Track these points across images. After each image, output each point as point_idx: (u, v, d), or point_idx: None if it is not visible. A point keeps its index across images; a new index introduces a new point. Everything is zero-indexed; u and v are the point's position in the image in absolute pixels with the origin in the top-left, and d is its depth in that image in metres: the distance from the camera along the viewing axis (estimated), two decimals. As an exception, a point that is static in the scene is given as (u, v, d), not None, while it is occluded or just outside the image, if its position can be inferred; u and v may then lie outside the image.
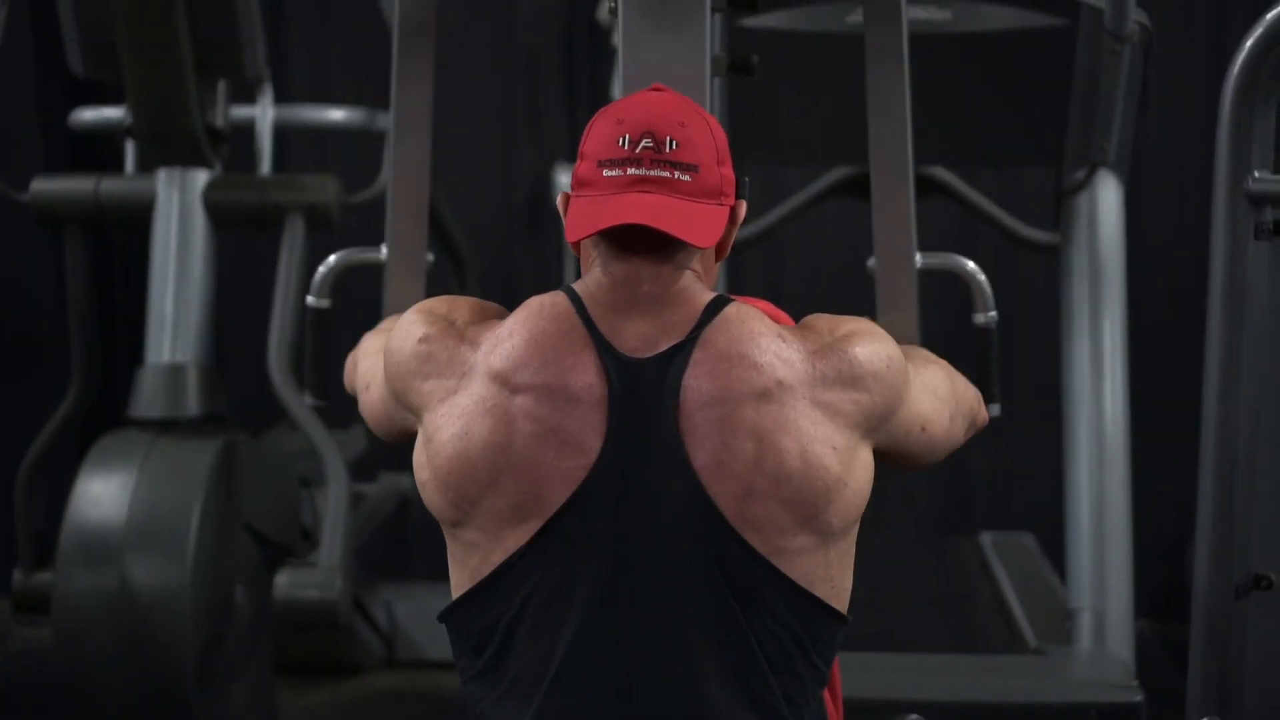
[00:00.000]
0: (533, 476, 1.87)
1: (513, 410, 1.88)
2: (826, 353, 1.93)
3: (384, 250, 2.85)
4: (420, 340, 1.97)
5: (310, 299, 2.92)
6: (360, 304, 2.24)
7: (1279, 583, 2.79)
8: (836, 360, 1.92)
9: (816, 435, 1.88)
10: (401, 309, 2.48)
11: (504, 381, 1.89)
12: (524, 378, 1.88)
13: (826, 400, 1.90)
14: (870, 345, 1.96)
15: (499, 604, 1.91)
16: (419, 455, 1.95)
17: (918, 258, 2.70)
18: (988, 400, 2.59)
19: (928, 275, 2.81)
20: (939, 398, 2.06)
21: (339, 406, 2.91)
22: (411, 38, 2.66)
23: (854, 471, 1.91)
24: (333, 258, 2.93)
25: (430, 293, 2.22)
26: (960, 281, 2.77)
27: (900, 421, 1.98)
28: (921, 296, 2.83)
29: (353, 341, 2.42)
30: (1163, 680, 4.63)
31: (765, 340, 1.91)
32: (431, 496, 1.93)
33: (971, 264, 2.75)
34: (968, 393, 2.21)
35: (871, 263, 2.73)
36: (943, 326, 4.02)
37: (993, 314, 2.74)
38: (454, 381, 1.93)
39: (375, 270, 2.91)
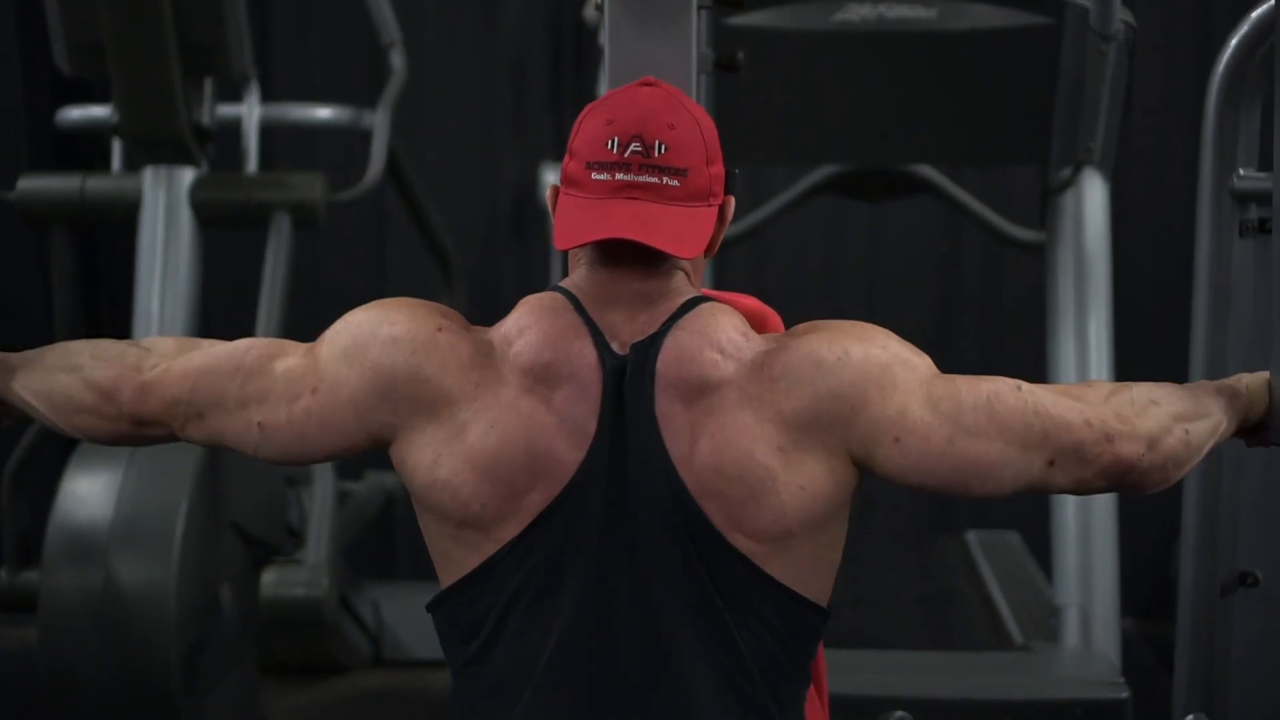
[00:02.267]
0: (554, 468, 1.87)
1: (544, 402, 1.87)
2: (781, 349, 1.89)
3: None
4: (438, 330, 1.93)
5: None
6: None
7: (1265, 579, 2.80)
8: (786, 355, 1.89)
9: (758, 434, 1.86)
10: None
11: (530, 374, 1.88)
12: (548, 370, 1.88)
13: (769, 397, 1.87)
14: (830, 340, 1.90)
15: (491, 595, 1.91)
16: (424, 453, 1.91)
17: None
18: None
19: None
20: (938, 412, 1.90)
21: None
22: None
23: (802, 472, 1.86)
24: None
25: (420, 294, 2.14)
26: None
27: (866, 427, 1.89)
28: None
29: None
30: (1148, 679, 4.64)
31: (723, 334, 1.89)
32: (460, 494, 1.88)
33: None
34: (1052, 416, 1.92)
35: None
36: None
37: None
38: (478, 374, 1.90)
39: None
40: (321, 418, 1.95)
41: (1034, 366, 4.41)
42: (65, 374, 2.03)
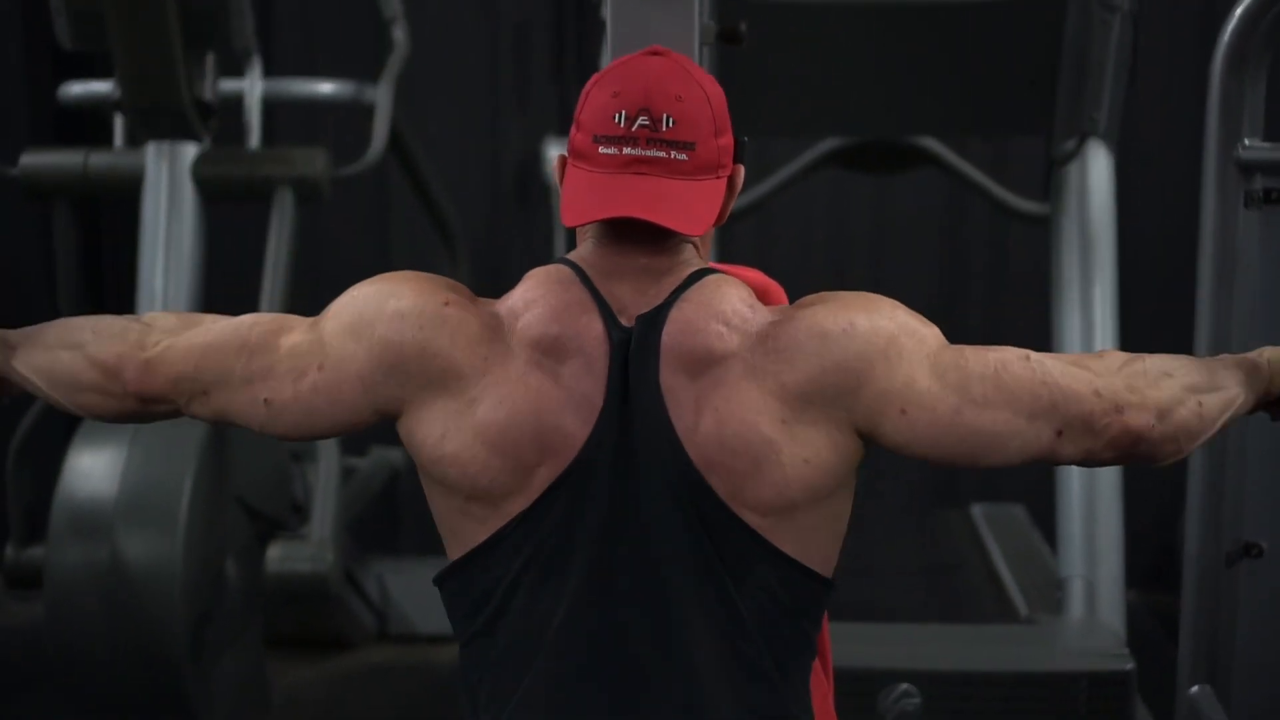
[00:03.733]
0: (562, 441, 1.87)
1: (551, 376, 1.87)
2: (786, 321, 1.89)
3: None
4: (445, 304, 1.93)
5: None
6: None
7: (1269, 550, 2.80)
8: (791, 327, 1.88)
9: (761, 405, 1.86)
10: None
11: (538, 347, 1.88)
12: (556, 343, 1.88)
13: (772, 369, 1.87)
14: (836, 312, 1.89)
15: (498, 568, 1.91)
16: (433, 427, 1.90)
17: None
18: None
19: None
20: (944, 382, 1.90)
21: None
22: None
23: (806, 444, 1.86)
24: None
25: (423, 269, 2.12)
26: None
27: (871, 399, 1.88)
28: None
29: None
30: (1153, 650, 4.64)
31: (729, 306, 1.89)
32: (468, 469, 1.88)
33: None
34: (1060, 386, 1.91)
35: None
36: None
37: None
38: (485, 348, 1.90)
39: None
40: (328, 394, 1.94)
41: (1039, 339, 4.40)
42: (67, 352, 2.03)
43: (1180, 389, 1.98)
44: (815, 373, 1.87)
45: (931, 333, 1.92)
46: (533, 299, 1.90)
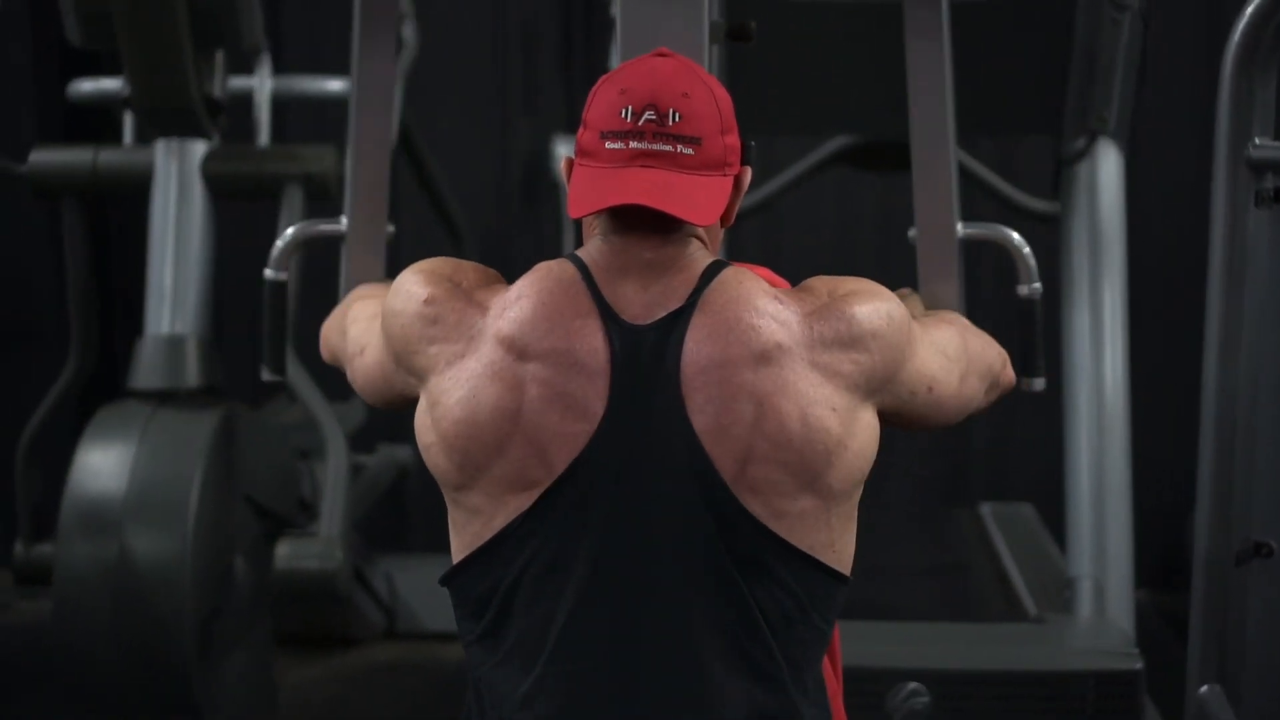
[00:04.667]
0: (538, 442, 1.87)
1: (521, 375, 1.88)
2: (824, 313, 1.92)
3: (344, 222, 2.81)
4: (425, 302, 1.95)
5: (268, 272, 2.82)
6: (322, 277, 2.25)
7: (1279, 550, 2.79)
8: (835, 320, 1.91)
9: (816, 397, 1.88)
10: (363, 280, 2.51)
11: (511, 346, 1.89)
12: (532, 343, 1.88)
13: (825, 361, 1.89)
14: (869, 303, 1.95)
15: (500, 568, 1.91)
16: (422, 419, 1.95)
17: (959, 228, 2.66)
18: (1031, 372, 2.58)
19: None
20: (948, 356, 2.04)
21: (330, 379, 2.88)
22: (373, 8, 2.60)
23: (855, 433, 1.90)
24: (290, 230, 2.86)
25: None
26: (1000, 251, 2.72)
27: (905, 381, 1.96)
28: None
29: (314, 316, 2.41)
30: (1162, 650, 4.64)
31: (762, 302, 1.90)
32: (437, 461, 1.93)
33: (1016, 235, 2.65)
34: (987, 351, 2.18)
35: (913, 233, 2.70)
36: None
37: (1036, 285, 2.64)
38: (460, 345, 1.92)
39: (333, 245, 2.84)
40: (367, 376, 2.11)
41: (1048, 337, 4.40)
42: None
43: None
44: (866, 365, 1.93)
45: (906, 311, 2.04)
46: (522, 294, 1.92)
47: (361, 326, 2.17)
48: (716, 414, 1.86)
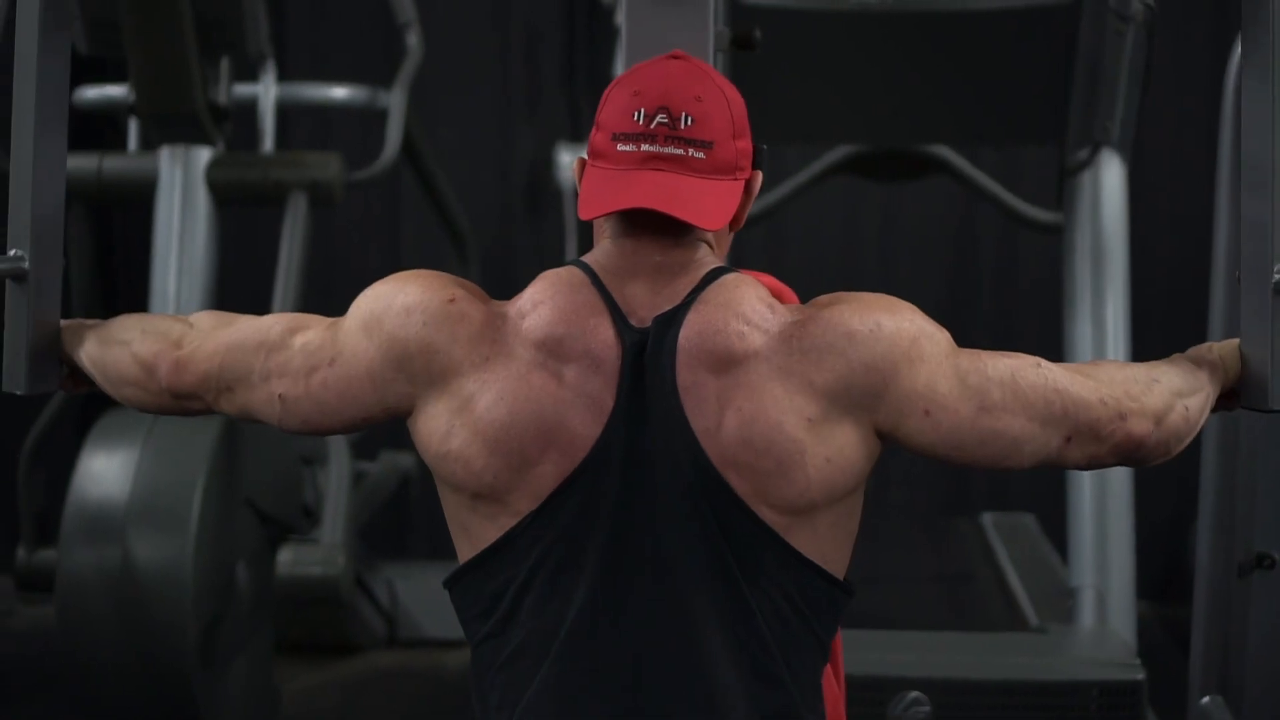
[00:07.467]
0: (569, 441, 1.87)
1: (554, 375, 1.88)
2: (810, 320, 1.89)
3: (14, 255, 2.17)
4: (450, 301, 1.92)
5: None
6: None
7: (1281, 561, 2.79)
8: (816, 326, 1.89)
9: (788, 405, 1.86)
10: (29, 319, 2.14)
11: (542, 346, 1.88)
12: (560, 345, 1.88)
13: (800, 369, 1.88)
14: (861, 313, 1.90)
15: (510, 568, 1.91)
16: (438, 424, 1.92)
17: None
18: None
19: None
20: (967, 385, 1.92)
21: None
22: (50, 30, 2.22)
23: (829, 444, 1.87)
24: None
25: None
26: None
27: (898, 399, 1.90)
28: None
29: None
30: (1164, 661, 4.64)
31: (749, 307, 1.90)
32: (472, 466, 1.89)
33: None
34: (1079, 396, 1.95)
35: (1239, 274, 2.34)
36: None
37: None
38: (486, 347, 1.90)
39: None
40: (339, 389, 1.97)
41: (1049, 347, 4.40)
42: (118, 347, 2.10)
43: (1170, 394, 2.03)
44: (843, 372, 1.88)
45: (945, 336, 1.95)
46: (539, 300, 1.91)
47: (315, 339, 1.99)
48: (709, 415, 1.87)
